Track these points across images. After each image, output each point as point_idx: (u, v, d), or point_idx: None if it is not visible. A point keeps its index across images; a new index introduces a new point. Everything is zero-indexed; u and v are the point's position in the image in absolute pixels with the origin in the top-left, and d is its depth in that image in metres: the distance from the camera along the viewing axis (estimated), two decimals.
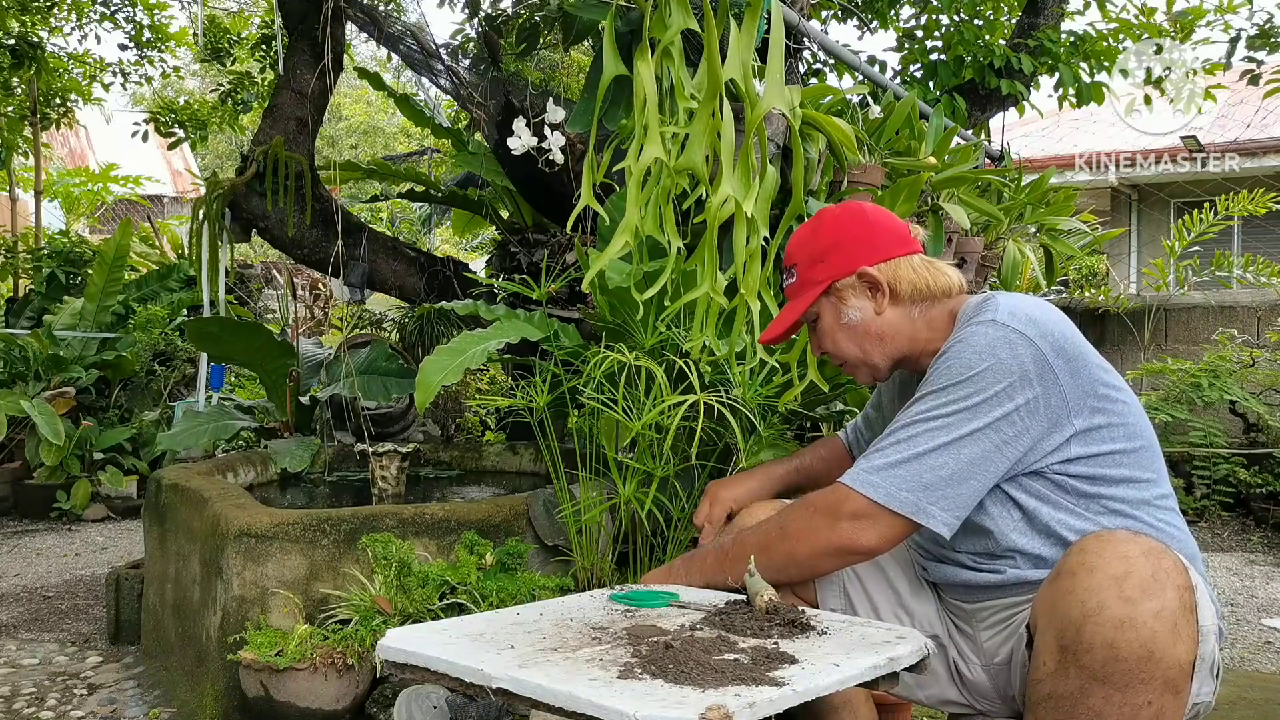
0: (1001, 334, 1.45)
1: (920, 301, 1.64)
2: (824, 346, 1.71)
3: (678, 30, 2.09)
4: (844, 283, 1.65)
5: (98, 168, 11.02)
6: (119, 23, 7.99)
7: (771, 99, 2.03)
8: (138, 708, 2.79)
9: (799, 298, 1.69)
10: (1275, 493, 5.35)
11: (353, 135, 18.05)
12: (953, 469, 1.43)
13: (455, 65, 4.49)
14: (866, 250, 1.65)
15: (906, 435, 1.47)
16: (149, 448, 6.07)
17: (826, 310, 1.68)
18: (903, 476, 1.44)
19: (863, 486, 1.45)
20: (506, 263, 4.22)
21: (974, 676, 1.62)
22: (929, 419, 1.46)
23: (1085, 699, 1.25)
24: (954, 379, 1.46)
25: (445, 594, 2.45)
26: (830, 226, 1.68)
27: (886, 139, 3.38)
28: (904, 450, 1.45)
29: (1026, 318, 1.46)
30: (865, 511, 1.45)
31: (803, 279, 1.69)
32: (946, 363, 1.48)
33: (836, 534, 1.47)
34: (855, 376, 1.73)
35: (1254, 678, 3.03)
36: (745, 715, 1.08)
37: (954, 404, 1.44)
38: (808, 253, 1.69)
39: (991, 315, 1.48)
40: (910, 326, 1.64)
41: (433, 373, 2.53)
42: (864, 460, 1.49)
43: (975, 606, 1.61)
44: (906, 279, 1.63)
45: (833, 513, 1.47)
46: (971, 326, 1.49)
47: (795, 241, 1.72)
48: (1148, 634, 1.21)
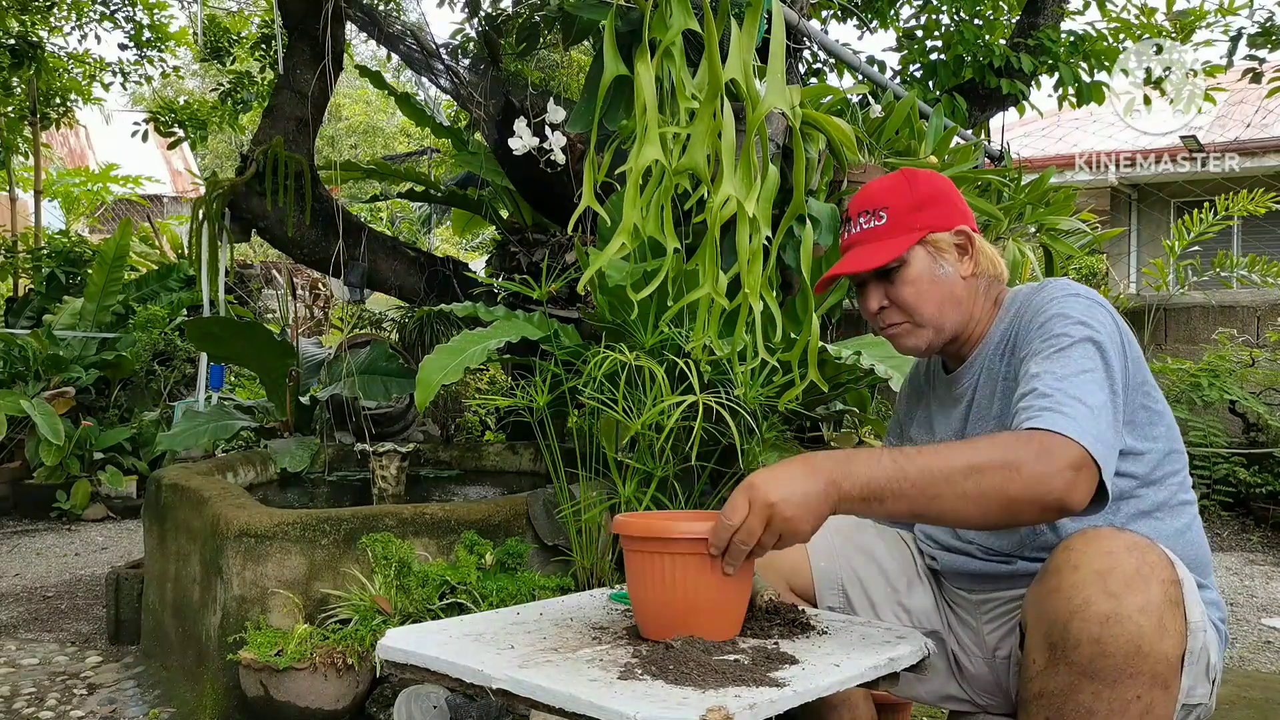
0: (1094, 308, 1.43)
1: (989, 276, 1.61)
2: (902, 296, 1.58)
3: (678, 31, 2.09)
4: (941, 236, 1.59)
5: (97, 168, 11.02)
6: (119, 22, 7.99)
7: (773, 99, 2.03)
8: (137, 708, 2.79)
9: (895, 239, 1.58)
10: (1275, 492, 5.35)
11: (353, 135, 18.05)
12: (1113, 428, 1.33)
13: (455, 65, 4.49)
14: (960, 212, 1.61)
15: (1077, 385, 1.34)
16: (149, 448, 6.07)
17: (919, 259, 1.58)
18: (1097, 425, 1.30)
19: (1074, 432, 1.28)
20: (506, 263, 4.22)
21: (975, 669, 1.62)
22: (1084, 370, 1.36)
23: (1074, 695, 1.25)
24: (1075, 337, 1.39)
25: (445, 594, 2.45)
26: (927, 180, 1.62)
27: (886, 139, 3.38)
28: (1082, 404, 1.32)
29: (1098, 295, 1.47)
30: (1084, 462, 1.27)
31: (898, 221, 1.59)
32: (1057, 326, 1.42)
33: (1062, 481, 1.26)
34: (903, 341, 1.62)
35: (1254, 677, 3.02)
36: (746, 716, 1.08)
37: (1096, 366, 1.37)
38: (905, 198, 1.60)
39: (1075, 290, 1.47)
40: (975, 300, 1.60)
41: (433, 372, 2.53)
42: (1042, 402, 1.33)
43: (980, 597, 1.61)
44: (986, 250, 1.61)
45: (1056, 456, 1.27)
46: (1062, 299, 1.46)
47: (883, 188, 1.63)
48: (1133, 629, 1.22)
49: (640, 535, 1.35)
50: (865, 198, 1.64)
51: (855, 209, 1.65)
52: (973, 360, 1.61)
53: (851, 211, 1.66)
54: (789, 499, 1.26)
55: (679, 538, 1.32)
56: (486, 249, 7.84)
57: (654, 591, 1.33)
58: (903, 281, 1.59)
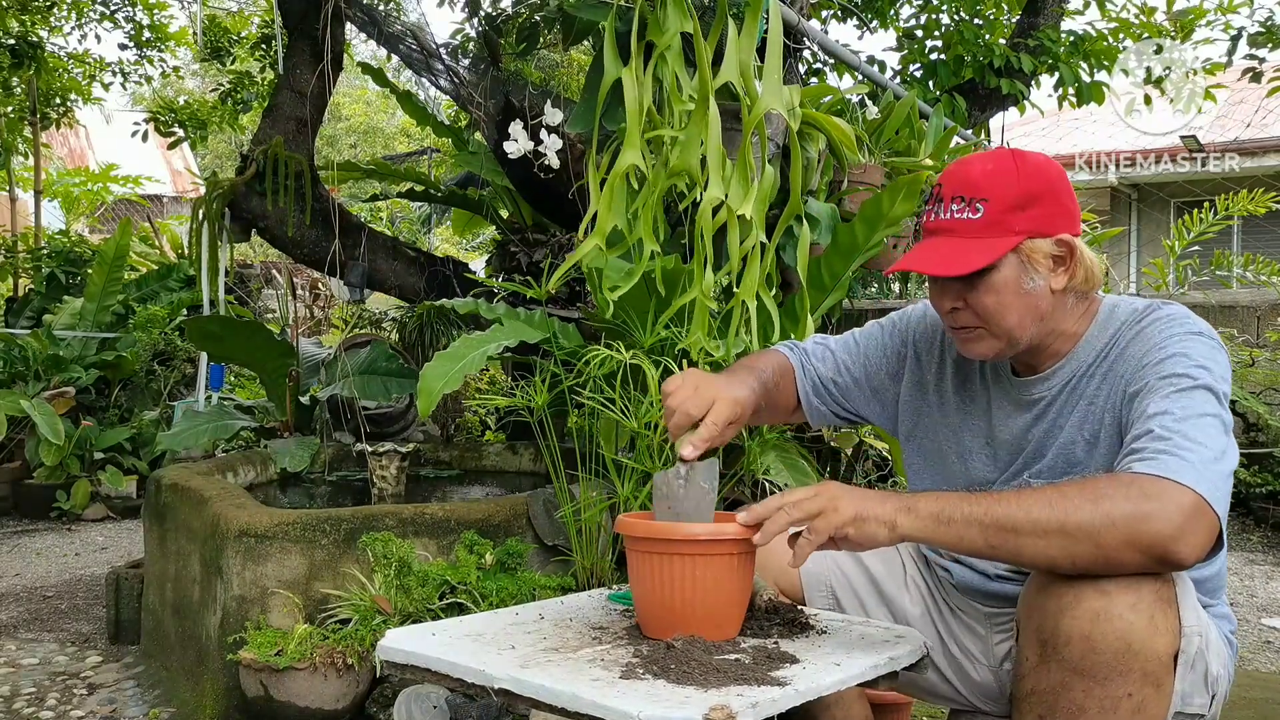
0: (1218, 352, 1.37)
1: (1080, 291, 1.47)
2: (982, 304, 1.43)
3: (675, 33, 2.10)
4: (1040, 244, 1.42)
5: (97, 167, 11.01)
6: (119, 22, 7.98)
7: (769, 100, 2.03)
8: (137, 708, 2.79)
9: (991, 241, 1.41)
10: (1275, 492, 5.35)
11: (352, 135, 18.05)
12: (1230, 481, 1.27)
13: (455, 65, 4.48)
14: (1067, 214, 1.44)
15: (1195, 429, 1.27)
16: (149, 448, 6.07)
17: (1009, 266, 1.42)
18: (1216, 474, 1.24)
19: (1189, 479, 1.21)
20: (506, 262, 4.22)
21: (979, 676, 1.61)
22: (1204, 415, 1.29)
23: (1066, 692, 1.25)
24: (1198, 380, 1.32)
25: (445, 594, 2.45)
26: (1038, 172, 1.44)
27: (886, 139, 3.38)
28: (1205, 448, 1.25)
29: (1215, 333, 1.41)
30: (1199, 510, 1.20)
31: (995, 220, 1.41)
32: (1178, 366, 1.35)
33: (1169, 529, 1.19)
34: (973, 346, 1.48)
35: (1254, 677, 3.03)
36: (749, 715, 1.08)
37: (1217, 412, 1.31)
38: (1009, 193, 1.41)
39: (1197, 328, 1.40)
40: (1062, 314, 1.46)
41: (434, 380, 2.54)
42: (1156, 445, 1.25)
43: (993, 611, 1.59)
44: (1086, 262, 1.44)
45: (1165, 501, 1.20)
46: (1184, 337, 1.38)
47: (988, 173, 1.44)
48: (1124, 626, 1.21)
49: (643, 535, 1.35)
50: (963, 179, 1.45)
51: (950, 188, 1.46)
52: (1053, 371, 1.49)
53: (945, 189, 1.47)
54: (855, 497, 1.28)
55: (681, 538, 1.32)
56: (486, 249, 7.83)
57: (655, 591, 1.33)
58: (986, 288, 1.43)
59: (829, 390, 1.70)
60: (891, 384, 1.68)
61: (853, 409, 1.71)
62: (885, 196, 2.70)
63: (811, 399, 1.70)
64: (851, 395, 1.70)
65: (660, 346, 2.50)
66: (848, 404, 1.71)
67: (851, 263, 2.81)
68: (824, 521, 1.27)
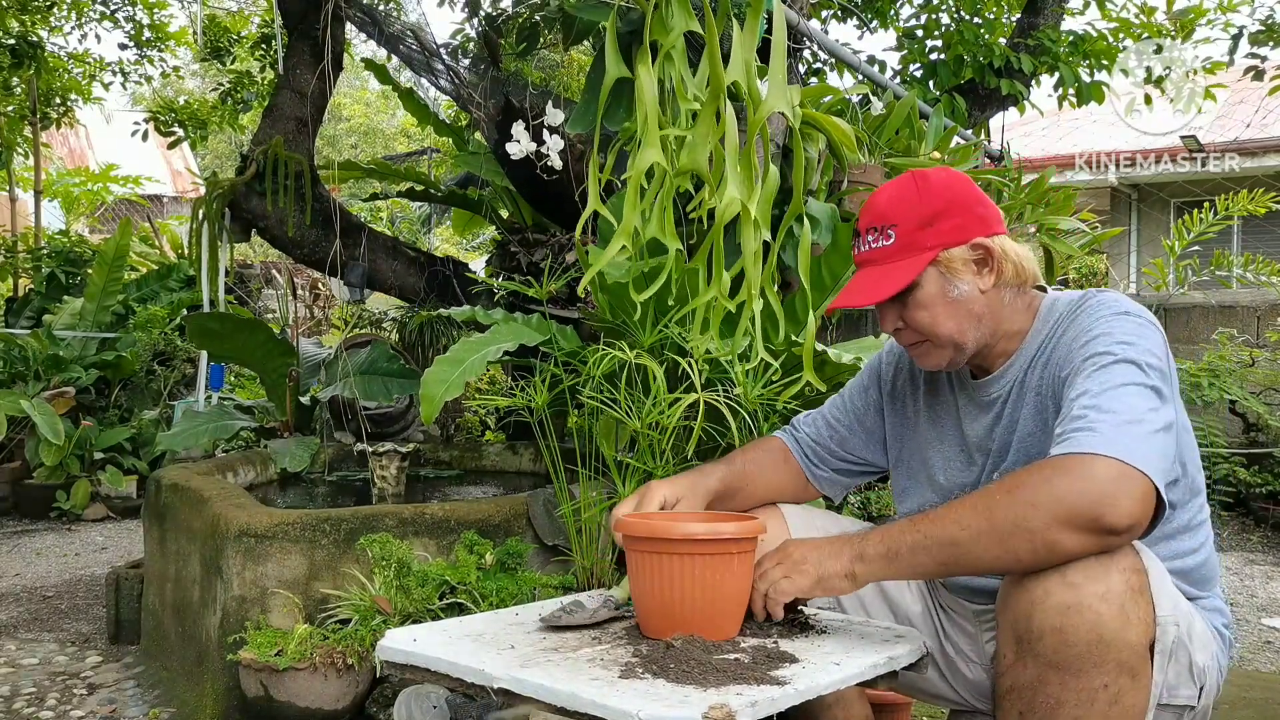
0: (1146, 328, 1.40)
1: (1014, 285, 1.52)
2: (916, 320, 1.50)
3: (680, 33, 2.09)
4: (955, 253, 1.48)
5: (97, 167, 11.02)
6: (119, 22, 7.99)
7: (774, 100, 2.03)
8: (138, 708, 2.79)
9: (906, 262, 1.48)
10: (1275, 492, 5.35)
11: (353, 136, 18.06)
12: (1163, 443, 1.28)
13: (455, 65, 4.49)
14: (978, 220, 1.50)
15: (1112, 399, 1.29)
16: (149, 448, 6.07)
17: (931, 281, 1.49)
18: (1135, 434, 1.25)
19: (1105, 447, 1.23)
20: (506, 263, 4.22)
21: (973, 675, 1.62)
22: (1124, 384, 1.31)
23: (1043, 687, 1.25)
24: (1118, 355, 1.35)
25: (445, 594, 2.45)
26: (939, 188, 1.50)
27: (886, 139, 3.38)
28: (1117, 415, 1.27)
29: (1148, 313, 1.43)
30: (1120, 473, 1.22)
31: (907, 242, 1.49)
32: (1100, 344, 1.38)
33: (1089, 499, 1.21)
34: (926, 359, 1.55)
35: (1254, 677, 3.02)
36: (748, 714, 1.08)
37: (1139, 380, 1.32)
38: (914, 214, 1.49)
39: (1124, 308, 1.43)
40: (1001, 311, 1.52)
41: (435, 386, 2.54)
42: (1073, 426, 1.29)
43: (980, 608, 1.61)
44: (1011, 258, 1.51)
45: (1078, 474, 1.23)
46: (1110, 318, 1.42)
47: (890, 199, 1.52)
48: (1093, 617, 1.22)
49: (642, 535, 1.35)
50: (872, 211, 1.54)
51: (864, 223, 1.55)
52: (1004, 370, 1.54)
53: (860, 225, 1.56)
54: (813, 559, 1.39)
55: (680, 538, 1.32)
56: (486, 249, 7.83)
57: (655, 591, 1.34)
58: (915, 305, 1.50)
59: (824, 451, 1.78)
60: (879, 420, 1.75)
61: (856, 457, 1.77)
62: None
63: (813, 469, 1.79)
64: (849, 444, 1.77)
65: (660, 345, 2.50)
66: (849, 454, 1.77)
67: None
68: (790, 585, 1.39)
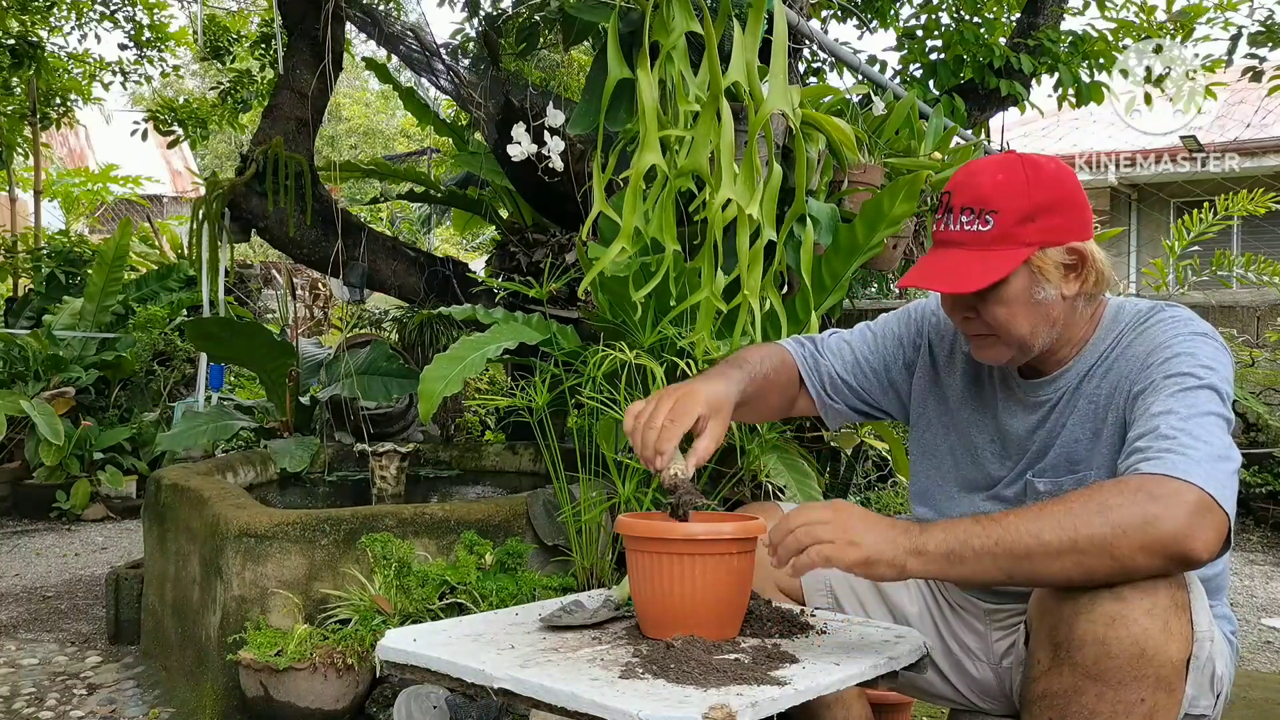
0: (1221, 354, 1.37)
1: (1091, 295, 1.46)
2: (994, 315, 1.43)
3: (680, 34, 2.10)
4: (1051, 254, 1.41)
5: (97, 168, 11.02)
6: (119, 22, 7.99)
7: (775, 100, 2.03)
8: (137, 708, 2.79)
9: (1001, 253, 1.40)
10: (1275, 493, 5.35)
11: (353, 136, 18.05)
12: (1235, 478, 1.28)
13: (455, 65, 4.48)
14: (1081, 223, 1.42)
15: (1199, 427, 1.27)
16: (149, 448, 6.07)
17: (1019, 278, 1.41)
18: (1222, 471, 1.24)
19: (1195, 476, 1.21)
20: (506, 263, 4.22)
21: (979, 674, 1.62)
22: (1208, 413, 1.29)
23: (1078, 696, 1.24)
24: (1202, 380, 1.33)
25: (445, 594, 2.45)
26: (1050, 182, 1.42)
27: (886, 138, 3.38)
28: (1209, 446, 1.25)
29: (1217, 334, 1.41)
30: (1207, 506, 1.20)
31: (1005, 232, 1.40)
32: (1183, 365, 1.35)
33: (1178, 528, 1.19)
34: (986, 352, 1.48)
35: (1254, 678, 3.02)
36: (748, 714, 1.08)
37: (1221, 411, 1.31)
38: (1019, 205, 1.40)
39: (1201, 329, 1.40)
40: (1073, 319, 1.46)
41: (434, 383, 2.54)
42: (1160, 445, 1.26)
43: (994, 607, 1.60)
44: (1099, 266, 1.43)
45: (1171, 501, 1.20)
46: (1188, 337, 1.39)
47: (998, 183, 1.42)
48: (1139, 631, 1.21)
49: (642, 535, 1.35)
50: (973, 189, 1.43)
51: (960, 198, 1.44)
52: (1058, 376, 1.50)
53: (954, 198, 1.45)
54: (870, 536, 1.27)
55: (680, 538, 1.32)
56: (486, 249, 7.83)
57: (655, 591, 1.34)
58: (996, 300, 1.42)
59: (846, 387, 1.69)
60: (906, 375, 1.68)
61: (872, 402, 1.71)
62: (885, 197, 2.70)
63: (827, 401, 1.69)
64: (870, 389, 1.69)
65: (660, 346, 2.50)
66: (867, 398, 1.70)
67: (852, 263, 2.81)
68: (834, 553, 1.27)
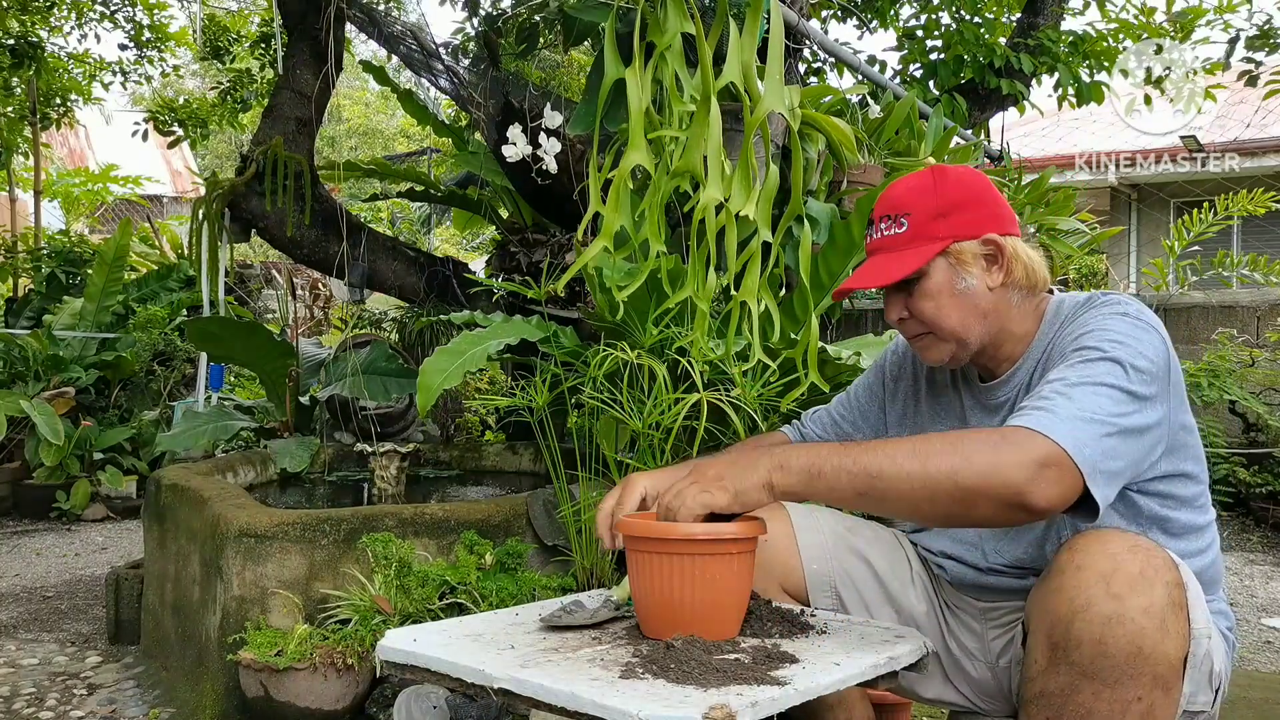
0: (1141, 330, 1.38)
1: (1022, 288, 1.53)
2: (921, 310, 1.52)
3: (675, 34, 2.10)
4: (966, 245, 1.50)
5: (97, 168, 11.02)
6: (119, 22, 8.00)
7: (771, 101, 2.03)
8: (137, 708, 2.79)
9: (914, 249, 1.50)
10: (1275, 493, 5.35)
11: (353, 136, 18.04)
12: (1121, 446, 1.29)
13: (455, 65, 4.48)
14: (992, 217, 1.52)
15: (1083, 393, 1.29)
16: (149, 448, 6.07)
17: (939, 271, 1.50)
18: (1089, 432, 1.26)
19: (1053, 431, 1.24)
20: (506, 263, 4.22)
21: (977, 674, 1.62)
22: (1100, 384, 1.31)
23: (1075, 695, 1.25)
24: (1105, 353, 1.35)
25: (445, 594, 2.45)
26: (956, 183, 1.53)
27: (886, 139, 3.38)
28: (1078, 406, 1.28)
29: (1151, 315, 1.42)
30: (1055, 460, 1.23)
31: (919, 230, 1.51)
32: (1091, 340, 1.38)
33: (1022, 475, 1.22)
34: (929, 353, 1.56)
35: (1254, 678, 3.03)
36: (748, 714, 1.08)
37: (1117, 381, 1.32)
38: (929, 204, 1.51)
39: (1124, 309, 1.42)
40: (1009, 312, 1.53)
41: (433, 376, 2.53)
42: (1035, 404, 1.30)
43: (988, 605, 1.61)
44: (1022, 259, 1.51)
45: (1020, 447, 1.24)
46: (1107, 316, 1.42)
47: (907, 189, 1.54)
48: (1135, 630, 1.21)
49: (642, 535, 1.35)
50: (888, 200, 1.56)
51: (878, 211, 1.57)
52: (1010, 375, 1.55)
53: (875, 214, 1.58)
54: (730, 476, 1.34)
55: (680, 538, 1.32)
56: (486, 249, 7.84)
57: (655, 591, 1.34)
58: (921, 294, 1.52)
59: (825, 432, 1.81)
60: (882, 415, 1.77)
61: None
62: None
63: (805, 437, 1.83)
64: (847, 437, 1.79)
65: (660, 346, 2.50)
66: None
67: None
68: (709, 498, 1.33)
